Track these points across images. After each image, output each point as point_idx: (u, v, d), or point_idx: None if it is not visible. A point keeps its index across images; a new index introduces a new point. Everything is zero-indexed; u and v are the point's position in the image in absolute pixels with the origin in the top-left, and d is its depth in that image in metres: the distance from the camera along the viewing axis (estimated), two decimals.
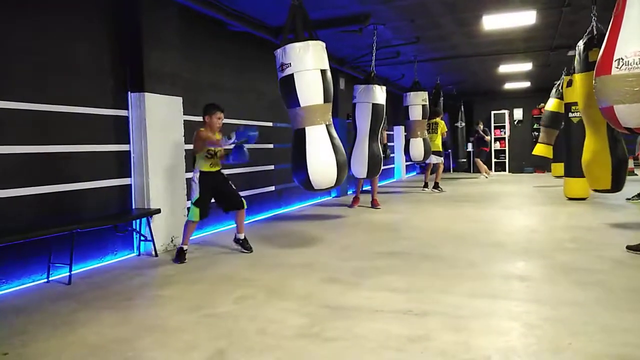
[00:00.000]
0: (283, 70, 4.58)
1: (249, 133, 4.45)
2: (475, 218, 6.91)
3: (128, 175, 5.01)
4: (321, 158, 4.66)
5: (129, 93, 4.99)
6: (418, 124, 9.47)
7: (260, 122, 7.26)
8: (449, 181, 12.65)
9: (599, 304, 3.18)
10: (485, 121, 15.68)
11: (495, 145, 16.42)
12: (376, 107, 7.37)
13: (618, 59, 3.94)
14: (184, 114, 5.47)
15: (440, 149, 10.66)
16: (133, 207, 5.04)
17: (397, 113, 13.04)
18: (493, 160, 16.42)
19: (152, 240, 4.92)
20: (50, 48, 4.24)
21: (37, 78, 4.14)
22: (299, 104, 4.60)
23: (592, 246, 4.85)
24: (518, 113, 16.65)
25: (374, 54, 7.73)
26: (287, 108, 4.79)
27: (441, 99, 11.89)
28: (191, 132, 5.57)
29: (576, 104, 7.66)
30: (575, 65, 5.93)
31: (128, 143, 5.00)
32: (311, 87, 4.57)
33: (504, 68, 11.57)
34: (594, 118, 5.35)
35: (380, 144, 7.78)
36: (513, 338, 2.69)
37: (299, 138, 4.72)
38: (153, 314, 3.27)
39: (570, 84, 7.95)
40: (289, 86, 4.58)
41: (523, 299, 3.36)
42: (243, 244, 5.00)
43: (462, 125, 14.72)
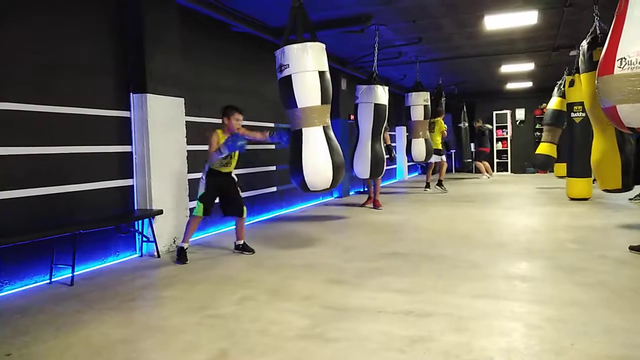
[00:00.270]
0: (282, 71, 4.59)
1: (238, 144, 4.48)
2: (477, 218, 6.90)
3: (130, 176, 5.02)
4: (317, 159, 4.64)
5: (131, 94, 5.00)
6: (420, 125, 9.46)
7: (262, 123, 7.26)
8: (452, 181, 12.64)
9: (602, 305, 3.17)
10: (486, 121, 15.66)
11: (497, 145, 16.39)
12: (378, 107, 7.37)
13: (620, 59, 3.93)
14: (186, 115, 5.47)
15: (439, 147, 10.66)
16: (135, 208, 5.04)
17: (399, 113, 13.04)
18: (495, 160, 16.39)
19: (155, 241, 4.92)
20: (52, 49, 4.25)
21: (40, 79, 4.15)
22: (297, 105, 4.60)
23: (595, 246, 4.84)
24: (520, 113, 16.62)
25: (376, 55, 7.73)
26: (286, 109, 4.79)
27: (443, 99, 11.87)
28: (193, 133, 5.61)
29: (578, 104, 7.66)
30: (579, 65, 5.92)
31: (130, 144, 5.01)
32: (309, 89, 4.56)
33: (506, 68, 11.56)
34: (601, 118, 5.31)
35: (383, 144, 7.78)
36: (515, 339, 2.69)
37: (296, 139, 4.72)
38: (155, 315, 3.27)
39: (572, 84, 7.94)
40: (287, 87, 4.58)
41: (525, 300, 3.35)
42: (244, 248, 5.01)
43: (465, 125, 14.70)
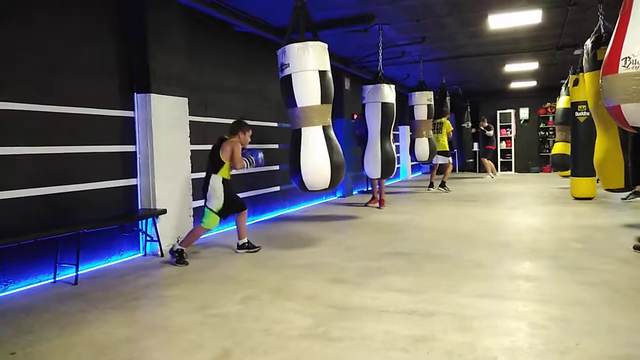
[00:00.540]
0: (282, 70, 4.59)
1: (258, 156, 4.90)
2: (481, 218, 6.89)
3: (134, 175, 5.04)
4: (315, 159, 4.62)
5: (135, 94, 5.01)
6: (423, 124, 9.44)
7: (265, 123, 7.27)
8: (455, 181, 12.61)
9: (606, 304, 3.16)
10: (490, 120, 15.61)
11: (501, 144, 16.34)
12: (386, 106, 7.31)
13: (625, 58, 3.91)
14: (190, 115, 5.48)
15: (446, 149, 10.59)
16: (139, 208, 5.06)
17: (403, 113, 13.02)
18: (499, 159, 16.36)
19: (158, 240, 4.94)
20: (56, 49, 4.27)
21: (44, 79, 4.16)
22: (297, 105, 4.59)
23: (599, 246, 4.82)
24: (524, 112, 16.58)
25: (381, 54, 7.71)
26: (287, 108, 4.79)
27: (448, 99, 11.83)
28: (197, 133, 5.62)
29: (582, 103, 7.62)
30: (583, 64, 5.89)
31: (134, 144, 5.03)
32: (308, 88, 4.55)
33: (510, 67, 11.52)
34: (604, 117, 5.30)
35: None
36: (519, 338, 2.68)
37: (296, 138, 4.71)
38: (159, 314, 3.28)
39: (576, 83, 7.91)
40: (288, 86, 4.58)
41: (529, 299, 3.34)
42: (248, 247, 5.01)
43: (469, 125, 14.66)
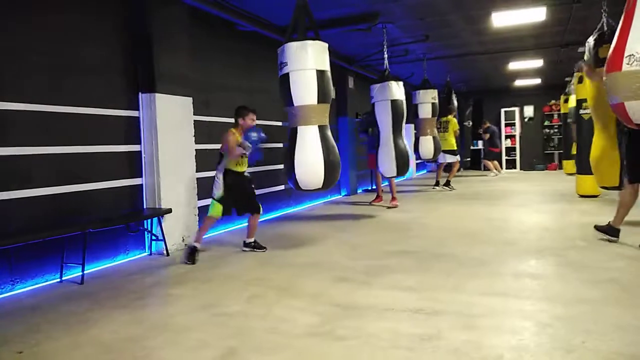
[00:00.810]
0: (281, 68, 4.58)
1: (252, 137, 4.62)
2: (486, 216, 6.87)
3: (139, 175, 5.06)
4: (309, 158, 4.59)
5: (140, 94, 5.03)
6: (428, 122, 9.43)
7: (269, 122, 7.28)
8: (460, 179, 12.58)
9: (612, 302, 3.15)
10: (494, 118, 15.56)
11: (506, 142, 16.29)
12: (395, 103, 7.27)
13: (629, 55, 3.89)
14: (194, 114, 5.50)
15: (454, 148, 10.53)
16: (144, 207, 5.08)
17: (407, 111, 12.98)
18: (504, 157, 16.30)
19: (164, 239, 4.95)
20: (61, 49, 4.29)
21: (49, 79, 4.19)
22: (293, 103, 4.57)
23: (605, 244, 4.80)
24: (529, 110, 16.52)
25: (386, 52, 7.69)
26: (284, 107, 4.77)
27: (454, 97, 11.80)
28: (202, 132, 5.63)
29: (587, 101, 7.59)
30: (585, 59, 5.87)
31: (139, 143, 5.05)
32: (306, 87, 4.52)
33: (514, 65, 11.50)
34: (603, 115, 5.30)
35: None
36: (525, 337, 2.68)
37: (292, 137, 4.69)
38: (164, 313, 3.29)
39: (581, 81, 7.88)
40: (285, 85, 4.56)
41: (535, 297, 3.34)
42: (255, 246, 5.03)
43: (470, 124, 14.63)
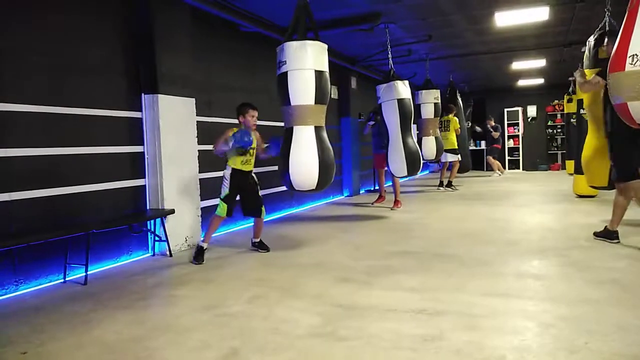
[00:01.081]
0: (280, 67, 4.57)
1: (245, 138, 4.63)
2: (488, 216, 6.87)
3: (142, 176, 5.07)
4: (304, 159, 4.55)
5: (143, 95, 5.04)
6: (430, 122, 9.39)
7: (272, 122, 7.27)
8: (463, 179, 12.56)
9: (615, 303, 3.14)
10: (497, 118, 15.54)
11: (508, 142, 16.27)
12: (402, 102, 7.23)
13: (632, 55, 3.88)
14: (197, 115, 5.51)
15: (455, 147, 10.55)
16: (147, 208, 5.09)
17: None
18: (506, 157, 16.28)
19: (167, 240, 4.96)
20: (64, 50, 4.30)
21: (52, 80, 4.20)
22: (290, 103, 4.55)
23: (607, 244, 4.79)
24: (532, 110, 16.49)
25: (390, 52, 7.68)
26: (281, 106, 4.73)
27: (458, 97, 11.78)
28: (204, 133, 5.64)
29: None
30: (584, 60, 5.85)
31: (142, 144, 5.06)
32: (303, 87, 4.50)
33: (517, 65, 11.46)
34: (597, 115, 5.32)
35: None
36: (528, 337, 2.67)
37: (287, 137, 4.65)
38: (167, 314, 3.30)
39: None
40: (283, 84, 4.54)
41: (538, 298, 3.33)
42: (260, 246, 5.06)
43: (469, 124, 14.61)
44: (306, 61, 4.48)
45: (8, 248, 3.68)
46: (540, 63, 11.27)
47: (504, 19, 7.28)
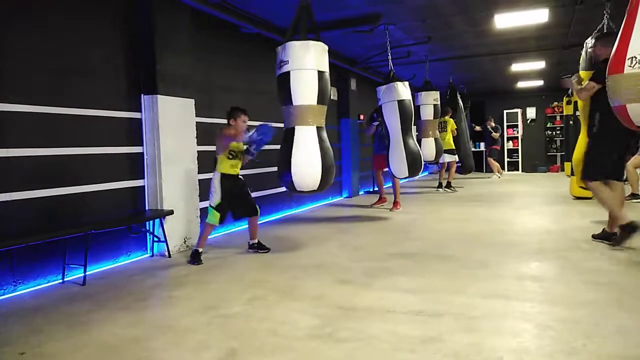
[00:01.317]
0: (281, 67, 4.55)
1: (264, 132, 4.61)
2: (488, 218, 6.87)
3: (141, 177, 5.07)
4: (307, 159, 4.55)
5: (142, 95, 5.04)
6: (430, 124, 9.41)
7: (272, 123, 7.26)
8: (462, 181, 12.57)
9: (614, 305, 3.14)
10: (497, 119, 15.55)
11: (508, 144, 16.29)
12: (402, 103, 7.24)
13: (631, 57, 3.87)
14: (197, 116, 5.51)
15: (452, 147, 10.60)
16: (146, 209, 5.08)
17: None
18: (506, 159, 16.30)
19: (165, 241, 4.96)
20: (64, 51, 4.30)
21: (52, 81, 4.20)
22: (292, 103, 4.55)
23: (606, 246, 4.79)
24: (531, 112, 16.51)
25: (390, 53, 7.69)
26: (281, 106, 4.73)
27: (459, 98, 11.78)
28: (204, 134, 5.64)
29: None
30: (580, 61, 5.86)
31: (141, 145, 5.06)
32: (306, 87, 4.51)
33: (517, 67, 11.48)
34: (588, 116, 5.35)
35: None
36: (526, 339, 2.67)
37: (288, 137, 4.65)
38: (166, 315, 3.30)
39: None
40: (285, 84, 4.54)
41: (536, 300, 3.33)
42: (259, 247, 5.05)
43: (473, 126, 14.61)
44: (309, 61, 4.49)
45: (6, 248, 3.67)
46: (539, 65, 11.29)
47: (504, 21, 7.30)
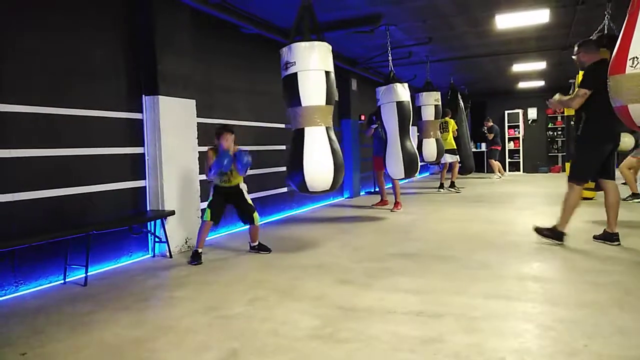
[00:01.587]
0: (287, 68, 4.55)
1: (243, 159, 4.61)
2: (489, 218, 6.87)
3: (143, 177, 5.07)
4: (319, 160, 4.56)
5: (143, 96, 5.05)
6: (431, 124, 9.40)
7: (272, 124, 7.29)
8: (462, 182, 12.56)
9: (615, 305, 3.14)
10: (498, 120, 15.53)
11: (509, 145, 16.28)
12: (401, 105, 7.25)
13: (633, 58, 3.87)
14: (198, 117, 5.51)
15: (454, 147, 10.60)
16: (148, 209, 5.09)
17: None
18: (507, 160, 16.29)
19: (167, 241, 4.97)
20: (65, 52, 4.31)
21: (53, 82, 4.21)
22: (300, 104, 4.54)
23: (607, 247, 4.79)
24: (532, 112, 16.51)
25: (390, 54, 7.69)
26: (288, 107, 4.72)
27: (460, 99, 11.77)
28: (205, 134, 5.65)
29: None
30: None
31: (142, 145, 5.06)
32: (314, 87, 4.52)
33: (518, 67, 11.48)
34: None
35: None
36: (527, 340, 2.67)
37: (297, 138, 4.64)
38: (167, 315, 3.30)
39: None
40: (292, 85, 4.53)
41: (538, 300, 3.33)
42: (260, 248, 5.06)
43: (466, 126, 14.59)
44: (316, 62, 4.50)
45: (8, 249, 3.68)
46: (540, 65, 11.29)
47: (505, 22, 7.30)
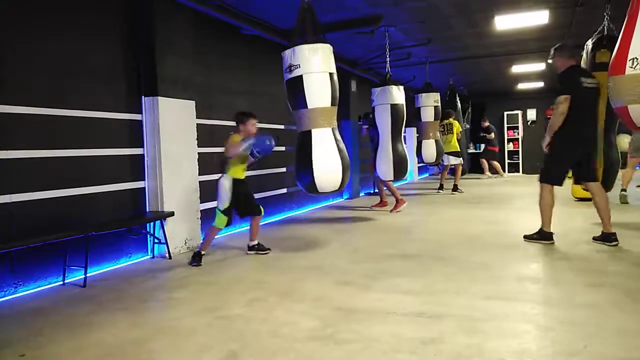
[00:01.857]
0: (291, 71, 4.57)
1: (266, 142, 4.53)
2: (488, 219, 6.86)
3: (142, 178, 5.07)
4: (328, 161, 4.62)
5: (143, 97, 5.05)
6: (430, 126, 9.41)
7: (272, 125, 7.29)
8: (461, 183, 12.51)
9: (615, 306, 3.14)
10: (497, 121, 15.54)
11: (508, 146, 16.28)
12: (395, 107, 7.29)
13: (632, 59, 3.89)
14: (197, 118, 5.51)
15: (458, 149, 10.57)
16: (147, 210, 5.09)
17: (409, 114, 12.99)
18: (506, 161, 16.29)
19: (166, 242, 4.96)
20: (65, 53, 4.30)
21: (53, 83, 4.20)
22: (307, 106, 4.57)
23: (607, 247, 4.79)
24: (531, 113, 16.51)
25: (388, 55, 7.71)
26: (293, 110, 4.75)
27: (458, 100, 11.79)
28: (204, 135, 5.65)
29: None
30: (581, 63, 5.86)
31: (142, 147, 5.06)
32: (319, 90, 4.55)
33: (517, 68, 11.49)
34: None
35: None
36: (527, 341, 2.67)
37: (304, 140, 4.68)
38: (167, 316, 3.30)
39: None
40: (297, 87, 4.56)
41: (537, 301, 3.33)
42: (259, 248, 5.05)
43: (467, 127, 14.61)
44: (321, 64, 4.53)
45: (7, 250, 3.67)
46: (540, 66, 11.29)
47: (504, 23, 7.31)
